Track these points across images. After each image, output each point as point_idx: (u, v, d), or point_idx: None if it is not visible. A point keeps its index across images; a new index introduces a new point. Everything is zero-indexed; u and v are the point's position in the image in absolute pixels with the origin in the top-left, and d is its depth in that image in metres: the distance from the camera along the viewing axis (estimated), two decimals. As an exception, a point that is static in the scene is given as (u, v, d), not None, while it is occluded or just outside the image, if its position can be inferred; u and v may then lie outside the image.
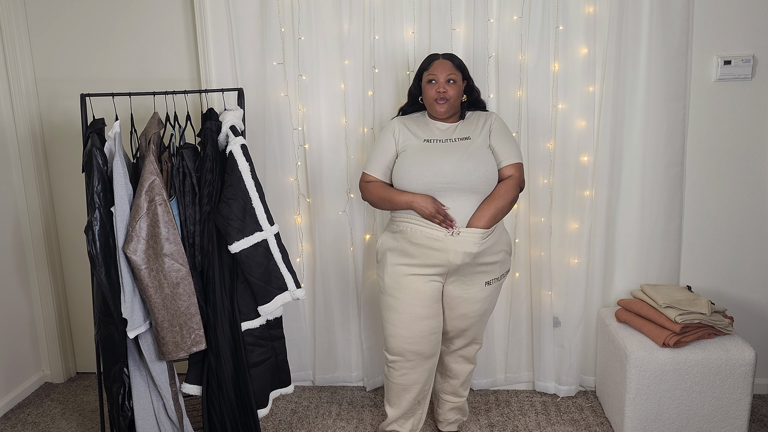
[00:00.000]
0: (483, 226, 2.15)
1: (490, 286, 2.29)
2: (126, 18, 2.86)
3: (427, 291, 2.24)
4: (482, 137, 2.27)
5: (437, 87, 2.24)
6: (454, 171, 2.16)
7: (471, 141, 2.25)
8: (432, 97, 2.26)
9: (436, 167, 2.17)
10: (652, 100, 2.62)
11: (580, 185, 2.72)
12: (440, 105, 2.25)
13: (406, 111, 2.41)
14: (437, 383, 2.55)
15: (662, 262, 2.75)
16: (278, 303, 2.25)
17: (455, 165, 2.17)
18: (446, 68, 2.26)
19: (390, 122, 2.36)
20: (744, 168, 2.71)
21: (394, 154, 2.29)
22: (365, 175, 2.34)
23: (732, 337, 2.44)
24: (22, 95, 2.92)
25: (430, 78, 2.27)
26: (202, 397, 2.32)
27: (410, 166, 2.21)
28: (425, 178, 2.17)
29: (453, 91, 2.24)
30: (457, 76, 2.27)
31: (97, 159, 2.13)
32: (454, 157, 2.19)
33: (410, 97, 2.40)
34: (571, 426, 2.65)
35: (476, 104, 2.40)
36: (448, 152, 2.21)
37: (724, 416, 2.38)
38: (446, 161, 2.18)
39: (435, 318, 2.28)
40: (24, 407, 2.95)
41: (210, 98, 2.78)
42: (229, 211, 2.16)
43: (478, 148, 2.23)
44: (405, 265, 2.25)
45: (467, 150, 2.21)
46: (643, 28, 2.57)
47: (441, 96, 2.24)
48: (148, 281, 2.11)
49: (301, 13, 2.67)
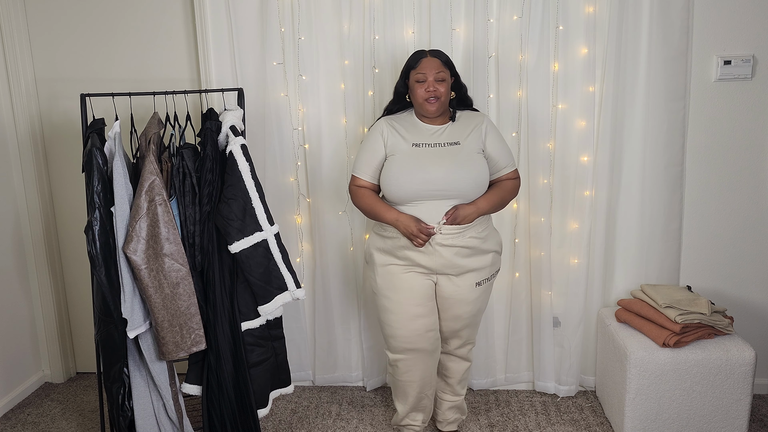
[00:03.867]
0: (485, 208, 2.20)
1: (480, 287, 2.28)
2: (126, 18, 2.86)
3: (420, 289, 2.25)
4: (473, 142, 2.23)
5: (427, 86, 2.20)
6: (445, 179, 2.15)
7: (461, 147, 2.22)
8: (422, 97, 2.21)
9: (425, 175, 2.15)
10: (652, 100, 2.62)
11: (580, 185, 2.72)
12: (431, 104, 2.21)
13: (391, 110, 2.36)
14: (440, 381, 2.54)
15: (662, 262, 2.75)
16: (278, 303, 2.25)
17: (445, 173, 2.15)
18: (435, 66, 2.21)
19: (377, 123, 2.33)
20: (744, 168, 2.71)
21: (383, 156, 2.26)
22: (355, 179, 2.31)
23: (732, 337, 2.44)
24: (22, 95, 2.92)
25: (418, 77, 2.21)
26: (202, 397, 2.32)
27: (399, 173, 2.18)
28: (414, 185, 2.16)
29: (443, 89, 2.21)
30: (446, 73, 2.23)
31: (97, 159, 2.13)
32: (444, 164, 2.16)
33: (396, 95, 2.34)
34: (571, 426, 2.65)
35: (464, 101, 2.36)
36: (438, 159, 2.18)
37: (724, 416, 2.38)
38: (436, 169, 2.16)
39: (430, 316, 2.28)
40: (24, 407, 2.95)
41: (210, 98, 2.78)
42: (229, 211, 2.16)
43: (468, 155, 2.20)
44: (395, 265, 2.25)
45: (457, 157, 2.19)
46: (643, 28, 2.57)
47: (432, 95, 2.20)
48: (148, 281, 2.11)
49: (301, 13, 2.67)
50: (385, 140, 2.26)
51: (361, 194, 2.28)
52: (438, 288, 2.28)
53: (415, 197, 2.17)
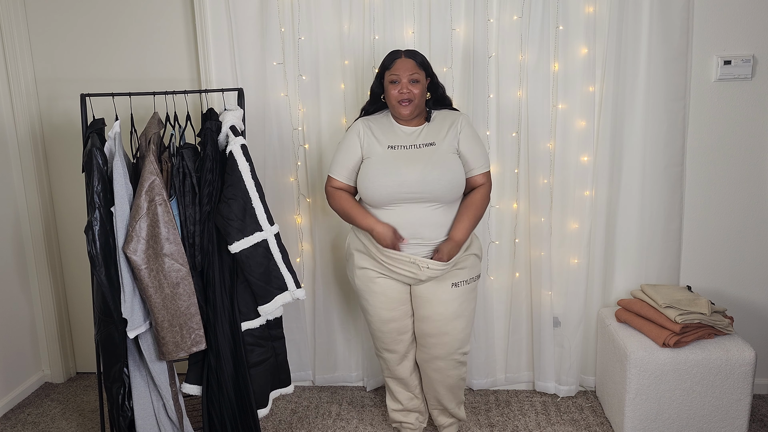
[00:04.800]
0: (463, 237, 2.17)
1: (457, 288, 2.24)
2: (126, 18, 2.86)
3: (393, 294, 2.26)
4: (448, 142, 2.21)
5: (400, 88, 2.17)
6: (419, 181, 2.14)
7: (436, 147, 2.20)
8: (395, 98, 2.19)
9: (399, 177, 2.14)
10: (652, 100, 2.62)
11: (580, 185, 2.72)
12: (404, 107, 2.18)
13: (368, 110, 2.35)
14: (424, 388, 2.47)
15: (662, 262, 2.75)
16: (278, 303, 2.25)
17: (419, 175, 2.14)
18: (409, 67, 2.18)
19: (354, 124, 2.31)
20: (744, 168, 2.71)
21: (360, 158, 2.25)
22: (330, 179, 2.30)
23: (732, 337, 2.44)
24: (22, 95, 2.92)
25: (392, 78, 2.19)
26: (202, 397, 2.32)
27: (374, 176, 2.17)
28: (389, 188, 2.15)
29: (416, 91, 2.18)
30: (421, 75, 2.20)
31: (97, 159, 2.13)
32: (418, 166, 2.15)
33: (372, 96, 2.32)
34: (571, 426, 2.65)
35: (441, 101, 2.33)
36: (413, 161, 2.16)
37: (724, 416, 2.38)
38: (410, 171, 2.14)
39: (402, 320, 2.30)
40: (24, 407, 2.95)
41: (210, 98, 2.78)
42: (229, 211, 2.16)
43: (443, 155, 2.18)
44: (371, 270, 2.26)
45: (432, 158, 2.17)
46: (643, 28, 2.57)
47: (404, 97, 2.17)
48: (148, 281, 2.11)
49: (301, 13, 2.67)
50: (361, 141, 2.25)
51: (338, 197, 2.28)
52: (413, 288, 2.28)
53: (390, 200, 2.17)
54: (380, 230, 2.15)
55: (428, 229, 2.18)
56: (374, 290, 2.27)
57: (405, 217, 2.17)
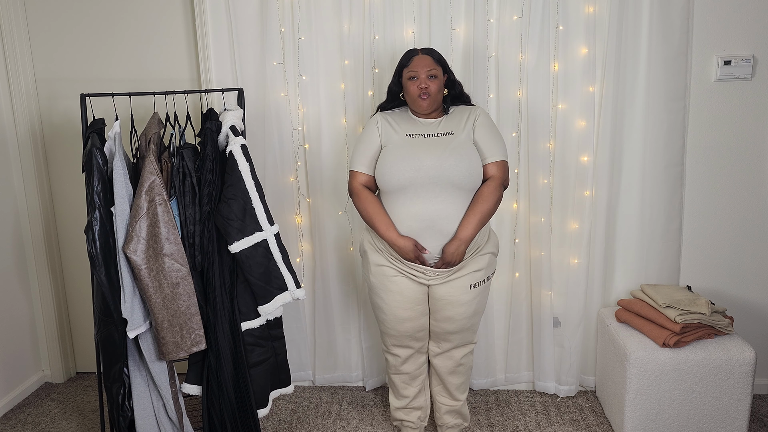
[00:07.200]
0: (470, 235, 2.16)
1: (475, 289, 2.26)
2: (126, 18, 2.86)
3: (410, 293, 2.26)
4: (466, 132, 2.25)
5: (419, 83, 2.22)
6: (436, 166, 2.15)
7: (454, 136, 2.23)
8: (415, 93, 2.24)
9: (417, 162, 2.16)
10: (652, 100, 2.62)
11: (580, 185, 2.72)
12: (423, 100, 2.23)
13: (385, 108, 2.39)
14: (432, 385, 2.51)
15: (662, 262, 2.75)
16: (278, 303, 2.25)
17: (437, 160, 2.15)
18: (426, 63, 2.24)
19: (372, 117, 2.36)
20: (744, 168, 2.71)
21: (379, 146, 2.28)
22: (353, 174, 2.31)
23: (732, 337, 2.44)
24: (22, 95, 2.92)
25: (410, 75, 2.25)
26: (202, 397, 2.32)
27: (392, 161, 2.20)
28: (407, 173, 2.16)
29: (434, 86, 2.23)
30: (438, 70, 2.25)
31: (97, 159, 2.13)
32: (436, 151, 2.17)
33: (390, 95, 2.37)
34: (571, 426, 2.65)
35: (460, 98, 2.37)
36: (430, 147, 2.20)
37: (724, 416, 2.38)
38: (428, 156, 2.17)
39: (419, 319, 2.30)
40: (24, 407, 2.95)
41: (210, 98, 2.78)
42: (229, 211, 2.16)
43: (461, 143, 2.21)
44: (388, 267, 2.26)
45: (450, 145, 2.20)
46: (643, 28, 2.57)
47: (423, 91, 2.22)
48: (148, 281, 2.11)
49: (301, 13, 2.67)
50: (380, 131, 2.29)
51: (363, 198, 2.27)
52: (431, 289, 2.27)
53: (407, 184, 2.17)
54: (402, 245, 2.17)
55: (445, 221, 2.17)
56: (391, 289, 2.26)
57: (423, 205, 2.17)
